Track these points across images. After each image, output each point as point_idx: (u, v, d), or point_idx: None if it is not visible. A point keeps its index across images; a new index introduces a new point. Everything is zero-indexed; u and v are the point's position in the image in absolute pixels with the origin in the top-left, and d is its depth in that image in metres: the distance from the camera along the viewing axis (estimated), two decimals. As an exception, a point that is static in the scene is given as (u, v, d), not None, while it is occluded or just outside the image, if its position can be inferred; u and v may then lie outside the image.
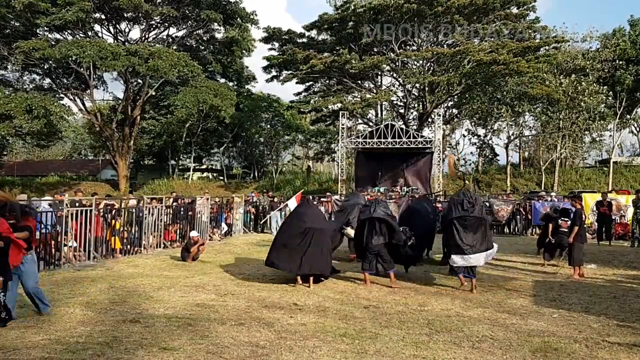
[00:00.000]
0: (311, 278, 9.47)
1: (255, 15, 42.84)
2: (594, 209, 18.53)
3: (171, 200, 17.05)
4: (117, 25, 41.87)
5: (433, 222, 12.60)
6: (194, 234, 13.64)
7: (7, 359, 5.19)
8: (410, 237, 10.50)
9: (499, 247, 13.50)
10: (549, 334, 6.49)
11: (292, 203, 20.50)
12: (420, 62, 37.02)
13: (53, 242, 11.16)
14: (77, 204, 12.18)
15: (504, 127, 39.51)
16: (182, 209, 16.49)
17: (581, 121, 34.89)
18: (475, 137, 43.49)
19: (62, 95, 41.49)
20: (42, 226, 10.87)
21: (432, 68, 36.43)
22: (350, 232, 11.47)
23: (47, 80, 42.91)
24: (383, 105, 43.12)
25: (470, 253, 9.09)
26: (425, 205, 13.06)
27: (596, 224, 18.32)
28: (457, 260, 9.25)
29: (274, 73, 40.97)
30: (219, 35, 44.50)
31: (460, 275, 9.37)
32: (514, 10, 35.64)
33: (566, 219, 11.84)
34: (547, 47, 35.12)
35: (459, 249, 9.20)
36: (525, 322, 7.09)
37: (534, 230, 20.46)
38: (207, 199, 18.33)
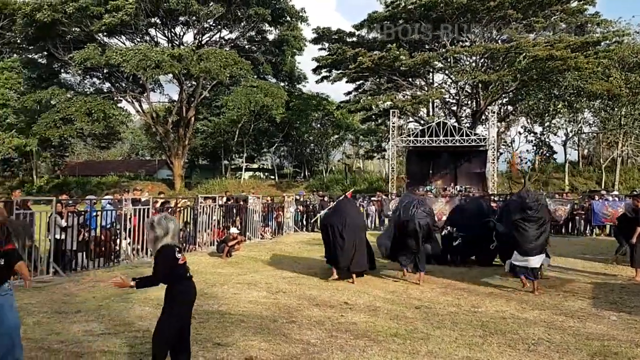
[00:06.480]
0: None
1: (304, 12, 43.07)
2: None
3: (224, 199, 17.39)
4: (172, 30, 43.02)
5: (487, 223, 11.35)
6: (233, 230, 13.92)
7: (69, 350, 5.45)
8: (457, 237, 10.53)
9: (557, 247, 13.14)
10: (609, 337, 6.25)
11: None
12: (473, 58, 36.28)
13: (112, 239, 11.64)
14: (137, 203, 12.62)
15: (562, 124, 38.18)
16: (234, 207, 16.78)
17: (644, 117, 33.26)
18: (532, 134, 42.18)
19: (120, 98, 42.93)
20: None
21: (485, 64, 35.61)
22: None
23: (107, 84, 44.58)
24: (435, 103, 42.51)
25: (533, 255, 8.84)
26: (478, 205, 12.60)
27: None
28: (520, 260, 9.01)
29: (324, 74, 41.11)
30: (270, 36, 45.10)
31: (522, 276, 9.13)
32: (573, 3, 34.33)
33: None
34: (608, 42, 33.66)
35: (522, 249, 8.92)
36: (584, 325, 6.85)
37: (593, 230, 19.78)
38: (258, 197, 18.59)
